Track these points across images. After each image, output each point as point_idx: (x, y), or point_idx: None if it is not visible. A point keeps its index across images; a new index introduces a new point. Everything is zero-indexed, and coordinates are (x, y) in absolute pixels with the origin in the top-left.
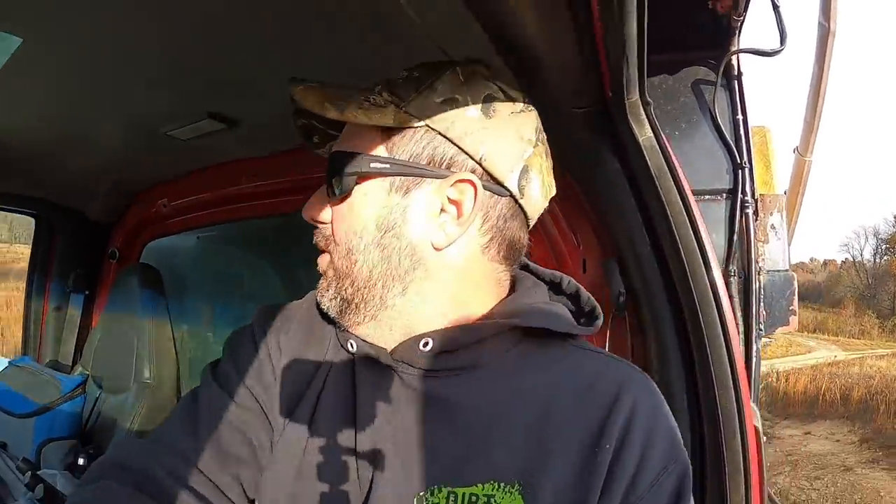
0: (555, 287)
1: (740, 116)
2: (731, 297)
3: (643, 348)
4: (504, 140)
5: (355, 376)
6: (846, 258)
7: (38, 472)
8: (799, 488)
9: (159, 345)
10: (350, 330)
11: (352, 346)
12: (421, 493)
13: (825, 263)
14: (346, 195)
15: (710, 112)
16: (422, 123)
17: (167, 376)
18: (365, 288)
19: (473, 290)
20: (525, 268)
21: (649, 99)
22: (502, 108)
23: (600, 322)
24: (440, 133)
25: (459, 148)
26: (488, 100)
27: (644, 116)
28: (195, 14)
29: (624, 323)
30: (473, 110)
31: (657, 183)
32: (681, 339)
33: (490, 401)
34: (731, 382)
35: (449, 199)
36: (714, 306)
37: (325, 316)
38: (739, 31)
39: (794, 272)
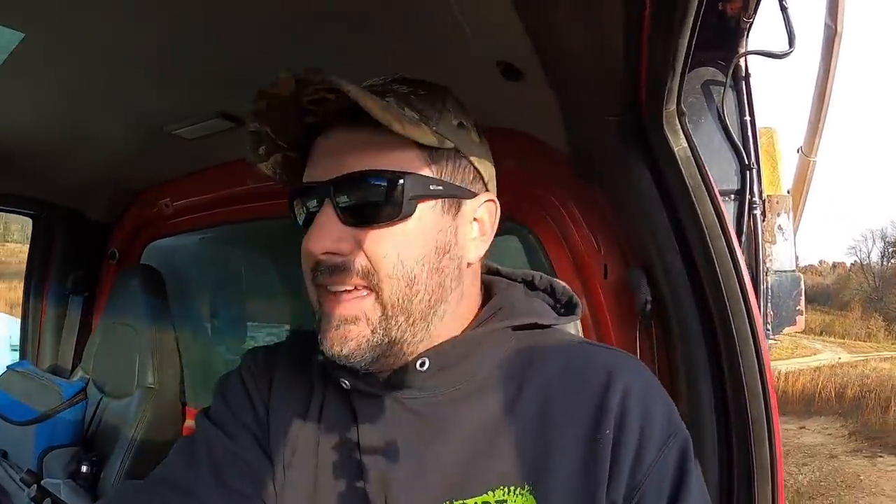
0: (528, 284)
1: (748, 118)
2: None
3: (670, 356)
4: (489, 162)
5: (354, 410)
6: (854, 261)
7: (43, 483)
8: (788, 473)
9: (162, 348)
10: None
11: (345, 384)
12: None
13: (834, 266)
14: (400, 220)
15: (718, 113)
16: (452, 145)
17: (170, 380)
18: (421, 320)
19: (474, 299)
20: (497, 272)
21: (684, 109)
22: (482, 134)
23: (580, 310)
24: (463, 154)
25: (476, 170)
26: (476, 125)
27: (679, 126)
28: (208, 12)
29: (650, 331)
30: (475, 134)
31: (691, 193)
32: (709, 346)
33: (490, 410)
34: (760, 389)
35: (474, 217)
36: (745, 316)
37: (311, 353)
38: (748, 33)
39: (803, 274)
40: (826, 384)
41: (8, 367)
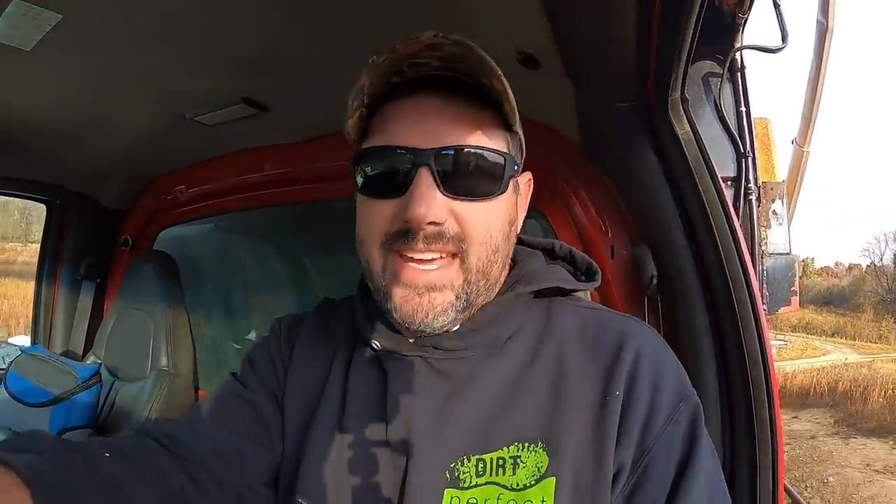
0: (549, 253)
1: (743, 108)
2: None
3: (675, 327)
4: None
5: (383, 369)
6: (869, 262)
7: None
8: None
9: (176, 333)
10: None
11: (376, 345)
12: (451, 465)
13: (850, 268)
14: (498, 195)
15: (715, 104)
16: (518, 125)
17: (184, 364)
18: (495, 283)
19: (506, 266)
20: (519, 241)
21: (687, 95)
22: None
23: (599, 277)
24: (518, 134)
25: (521, 146)
26: None
27: (682, 111)
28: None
29: (656, 305)
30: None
31: (694, 173)
32: (711, 316)
33: (510, 370)
34: (759, 354)
35: (520, 191)
36: (745, 286)
37: (337, 319)
38: (743, 29)
39: (819, 276)
40: (821, 380)
41: (22, 350)
